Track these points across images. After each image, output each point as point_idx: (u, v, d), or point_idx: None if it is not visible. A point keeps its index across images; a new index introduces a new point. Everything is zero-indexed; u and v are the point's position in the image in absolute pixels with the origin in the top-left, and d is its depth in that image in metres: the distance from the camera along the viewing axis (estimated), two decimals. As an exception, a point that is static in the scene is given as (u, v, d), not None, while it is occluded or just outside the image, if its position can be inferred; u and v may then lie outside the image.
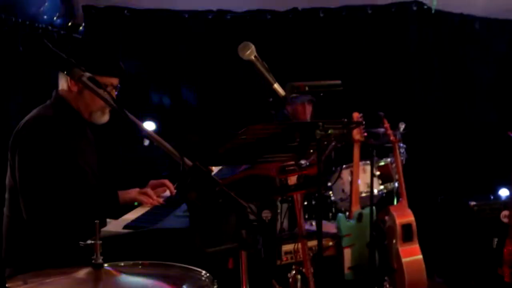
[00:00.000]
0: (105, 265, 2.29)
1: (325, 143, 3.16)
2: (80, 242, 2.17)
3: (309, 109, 6.31)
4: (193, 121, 7.43)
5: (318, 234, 2.99)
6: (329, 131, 2.92)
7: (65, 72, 2.25)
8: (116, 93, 3.53)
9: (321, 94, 3.12)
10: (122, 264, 2.57)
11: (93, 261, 2.17)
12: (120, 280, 2.21)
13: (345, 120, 3.01)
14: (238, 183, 2.99)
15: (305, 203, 6.32)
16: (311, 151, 3.19)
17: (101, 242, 2.17)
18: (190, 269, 2.60)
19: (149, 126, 7.03)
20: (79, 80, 2.24)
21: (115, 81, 3.51)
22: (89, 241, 2.17)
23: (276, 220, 3.81)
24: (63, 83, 3.48)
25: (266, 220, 3.00)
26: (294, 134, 2.95)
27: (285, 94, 3.09)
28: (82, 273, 2.17)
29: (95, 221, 2.18)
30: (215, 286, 2.52)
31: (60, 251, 3.01)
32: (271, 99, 3.37)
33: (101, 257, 2.18)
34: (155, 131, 6.98)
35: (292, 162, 3.56)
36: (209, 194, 2.11)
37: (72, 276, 2.17)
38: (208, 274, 2.54)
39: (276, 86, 3.10)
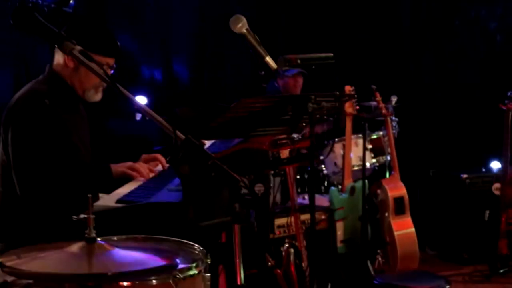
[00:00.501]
0: (98, 239, 2.29)
1: (318, 116, 3.15)
2: (73, 217, 2.17)
3: (300, 81, 6.31)
4: (184, 95, 7.42)
5: (311, 207, 3.00)
6: (321, 104, 2.91)
7: (56, 46, 2.24)
8: (111, 72, 3.51)
9: (313, 67, 3.11)
10: (115, 238, 2.58)
11: (86, 235, 2.16)
12: (113, 254, 2.20)
13: (337, 93, 3.01)
14: (231, 157, 2.99)
15: (298, 177, 6.32)
16: (304, 124, 3.19)
17: (94, 216, 2.17)
18: (183, 243, 2.60)
19: (141, 100, 7.02)
20: (70, 54, 2.23)
21: (111, 60, 3.49)
22: (82, 216, 2.16)
23: (269, 194, 3.81)
24: (59, 58, 3.46)
25: (259, 193, 3.00)
26: (287, 108, 2.94)
27: (277, 67, 3.08)
28: (75, 247, 2.17)
29: (88, 195, 2.17)
30: (208, 260, 2.53)
31: (53, 226, 3.00)
32: (262, 72, 3.36)
33: (94, 231, 2.17)
34: (147, 106, 7.03)
35: (284, 136, 3.56)
36: (202, 168, 2.10)
37: (65, 250, 2.17)
38: (201, 248, 2.55)
39: (268, 59, 3.09)
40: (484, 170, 6.69)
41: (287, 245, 4.23)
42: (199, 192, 2.15)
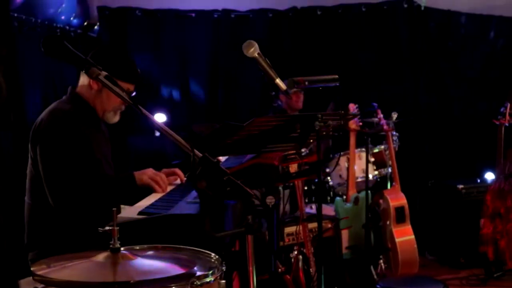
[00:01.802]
0: (122, 249, 2.29)
1: (324, 133, 3.16)
2: (99, 229, 2.17)
3: (301, 97, 6.32)
4: (200, 113, 7.44)
5: (318, 217, 2.99)
6: (328, 122, 2.91)
7: (84, 71, 2.25)
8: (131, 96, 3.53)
9: (320, 88, 3.11)
10: (137, 247, 2.58)
11: (111, 246, 2.17)
12: (136, 263, 2.21)
13: (342, 112, 3.01)
14: (244, 172, 2.99)
15: (305, 188, 6.33)
16: (311, 140, 3.19)
17: (118, 228, 2.17)
18: (200, 252, 2.60)
19: (160, 118, 7.04)
20: (96, 79, 2.24)
21: (131, 86, 3.52)
22: (107, 227, 2.17)
23: (279, 205, 3.81)
24: (84, 80, 3.49)
25: (270, 205, 3.00)
26: (295, 126, 2.95)
27: (286, 88, 3.08)
28: (101, 257, 2.17)
29: (113, 209, 2.18)
30: (224, 267, 2.53)
31: (81, 236, 3.02)
32: (273, 93, 3.37)
33: (118, 242, 2.18)
34: (165, 123, 7.04)
35: (293, 151, 3.57)
36: (218, 183, 2.10)
37: (91, 259, 2.17)
38: (217, 256, 2.55)
39: (278, 81, 3.10)
40: (479, 181, 6.66)
41: (296, 252, 4.22)
42: (215, 205, 2.15)
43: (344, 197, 5.91)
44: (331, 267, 5.19)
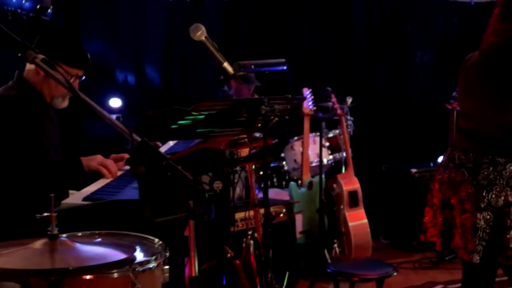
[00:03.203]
0: (64, 235, 2.26)
1: (272, 118, 3.15)
2: (36, 215, 2.13)
3: (252, 90, 6.23)
4: (156, 98, 7.38)
5: (265, 202, 2.98)
6: (274, 107, 2.90)
7: (19, 54, 2.20)
8: (78, 81, 3.48)
9: (267, 72, 3.09)
10: (80, 234, 2.55)
11: (48, 232, 2.13)
12: (75, 249, 2.17)
13: (289, 96, 2.99)
14: (190, 156, 2.97)
15: (261, 173, 6.33)
16: (259, 125, 3.17)
17: (56, 214, 2.13)
18: (144, 237, 2.59)
19: (115, 102, 6.97)
20: (33, 62, 2.19)
21: (80, 72, 3.46)
22: (45, 213, 2.13)
23: (229, 189, 3.79)
24: (30, 66, 3.42)
25: (218, 190, 2.98)
26: (241, 110, 2.93)
27: (233, 73, 3.06)
28: (38, 244, 2.13)
29: (51, 195, 2.14)
30: (167, 253, 2.51)
31: (20, 223, 2.97)
32: (221, 77, 3.34)
33: (57, 228, 2.14)
34: (121, 108, 6.97)
35: (244, 136, 3.55)
36: (157, 168, 2.08)
37: (28, 247, 2.13)
38: (160, 242, 2.53)
39: (226, 64, 3.06)
40: (432, 164, 6.72)
41: (248, 237, 4.20)
42: (155, 190, 2.12)
43: (299, 181, 5.92)
44: (284, 252, 5.19)
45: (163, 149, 3.78)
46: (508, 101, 3.25)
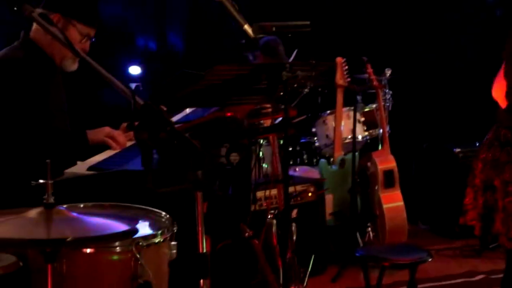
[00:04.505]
0: (64, 206, 2.28)
1: (295, 85, 3.13)
2: (31, 182, 2.15)
3: None
4: (179, 65, 7.39)
5: (285, 179, 2.97)
6: (296, 73, 2.88)
7: (15, 8, 2.21)
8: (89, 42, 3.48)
9: (289, 35, 3.07)
10: (81, 205, 2.57)
11: (44, 201, 2.15)
12: (73, 220, 2.20)
13: (313, 61, 2.97)
14: (204, 125, 2.97)
15: (290, 149, 6.32)
16: (281, 93, 3.15)
17: (52, 182, 2.15)
18: (151, 211, 2.60)
19: (135, 70, 7.00)
20: (30, 16, 2.20)
21: (91, 31, 3.45)
22: (40, 181, 2.15)
23: (249, 164, 3.79)
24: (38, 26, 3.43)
25: (234, 163, 2.98)
26: (261, 76, 2.91)
27: (254, 36, 3.04)
28: (34, 213, 2.15)
29: (47, 161, 2.15)
30: (175, 228, 2.52)
31: (18, 192, 2.99)
32: (243, 41, 3.33)
33: (53, 197, 2.16)
34: (140, 75, 7.00)
35: (268, 106, 3.54)
36: (161, 134, 2.08)
37: (22, 216, 2.16)
38: (168, 216, 2.54)
39: (247, 27, 3.04)
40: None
41: (270, 217, 4.20)
42: (158, 158, 2.13)
43: (331, 159, 5.90)
44: (312, 235, 5.19)
45: (178, 117, 3.78)
46: None
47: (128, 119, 3.73)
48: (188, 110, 3.89)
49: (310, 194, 5.19)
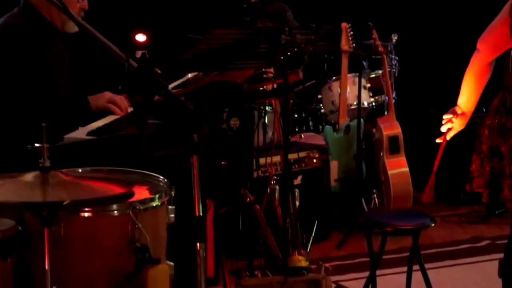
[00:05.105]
0: (62, 171, 2.29)
1: (295, 49, 3.12)
2: (28, 146, 2.16)
3: None
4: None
5: (285, 145, 2.98)
6: (295, 37, 2.87)
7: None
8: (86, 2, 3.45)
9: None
10: (80, 170, 2.59)
11: (40, 165, 2.16)
12: (70, 184, 2.21)
13: (313, 25, 2.96)
14: (203, 90, 2.97)
15: (296, 116, 6.31)
16: (282, 57, 3.14)
17: (48, 145, 2.16)
18: (148, 175, 2.62)
19: (141, 37, 6.95)
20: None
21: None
22: (36, 144, 2.15)
23: (253, 129, 3.78)
24: None
25: (234, 128, 2.98)
26: (260, 40, 2.91)
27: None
28: (29, 176, 2.17)
29: (42, 124, 2.16)
30: (173, 192, 2.53)
31: (14, 156, 3.00)
32: (244, 5, 3.32)
33: (49, 161, 2.17)
34: (147, 42, 6.94)
35: (271, 70, 3.53)
36: (156, 97, 2.08)
37: (18, 179, 2.17)
38: (166, 180, 2.55)
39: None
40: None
41: (273, 182, 4.20)
42: (154, 121, 2.13)
43: (337, 125, 5.88)
44: (317, 200, 5.20)
45: (178, 82, 3.76)
46: None
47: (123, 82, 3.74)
48: (190, 75, 3.88)
49: (314, 161, 5.19)
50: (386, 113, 5.96)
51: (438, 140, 3.68)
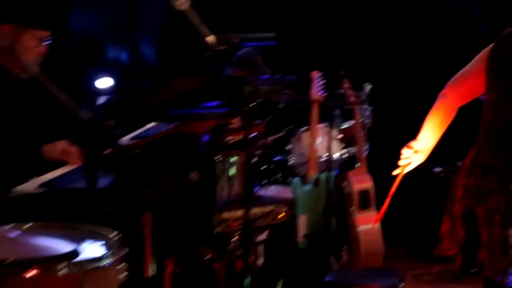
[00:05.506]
0: (6, 226, 2.23)
1: (260, 100, 3.09)
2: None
3: None
4: (152, 76, 7.35)
5: (245, 199, 2.94)
6: (259, 87, 2.85)
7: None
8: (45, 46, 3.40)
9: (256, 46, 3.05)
10: (26, 225, 2.53)
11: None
12: (15, 241, 2.16)
13: (278, 76, 2.95)
14: (160, 142, 2.93)
15: (265, 166, 6.27)
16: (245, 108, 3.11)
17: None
18: (99, 231, 2.55)
19: (106, 82, 6.93)
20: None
21: (43, 34, 3.38)
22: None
23: (216, 183, 3.74)
24: None
25: (192, 182, 2.94)
26: (222, 90, 2.88)
27: (216, 47, 3.01)
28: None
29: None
30: (125, 249, 2.48)
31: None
32: (208, 53, 3.29)
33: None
34: (111, 88, 6.94)
35: (237, 121, 3.50)
36: (108, 150, 2.04)
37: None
38: (117, 236, 2.49)
39: (210, 38, 3.02)
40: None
41: (235, 238, 4.14)
42: (105, 176, 2.09)
43: (306, 178, 5.84)
44: (284, 257, 5.15)
45: (137, 132, 3.72)
46: None
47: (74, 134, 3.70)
48: (149, 125, 3.85)
49: (281, 215, 5.14)
50: (357, 165, 5.95)
51: (395, 172, 3.63)
